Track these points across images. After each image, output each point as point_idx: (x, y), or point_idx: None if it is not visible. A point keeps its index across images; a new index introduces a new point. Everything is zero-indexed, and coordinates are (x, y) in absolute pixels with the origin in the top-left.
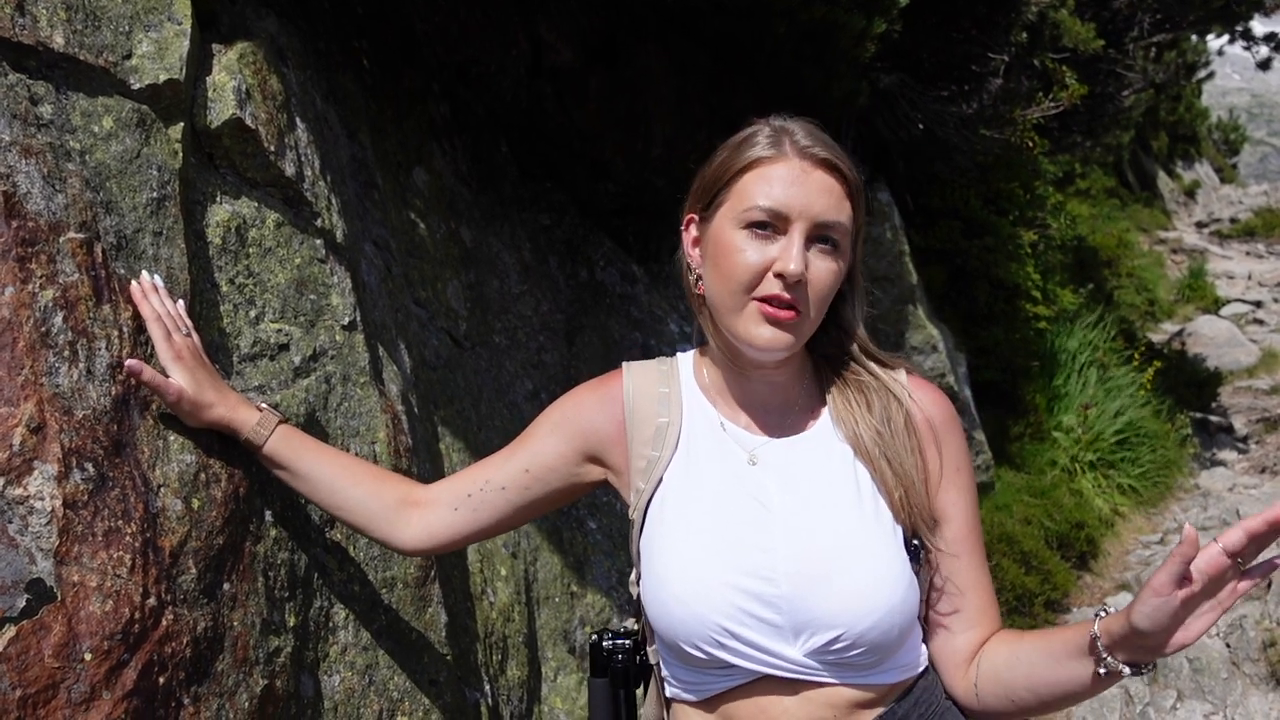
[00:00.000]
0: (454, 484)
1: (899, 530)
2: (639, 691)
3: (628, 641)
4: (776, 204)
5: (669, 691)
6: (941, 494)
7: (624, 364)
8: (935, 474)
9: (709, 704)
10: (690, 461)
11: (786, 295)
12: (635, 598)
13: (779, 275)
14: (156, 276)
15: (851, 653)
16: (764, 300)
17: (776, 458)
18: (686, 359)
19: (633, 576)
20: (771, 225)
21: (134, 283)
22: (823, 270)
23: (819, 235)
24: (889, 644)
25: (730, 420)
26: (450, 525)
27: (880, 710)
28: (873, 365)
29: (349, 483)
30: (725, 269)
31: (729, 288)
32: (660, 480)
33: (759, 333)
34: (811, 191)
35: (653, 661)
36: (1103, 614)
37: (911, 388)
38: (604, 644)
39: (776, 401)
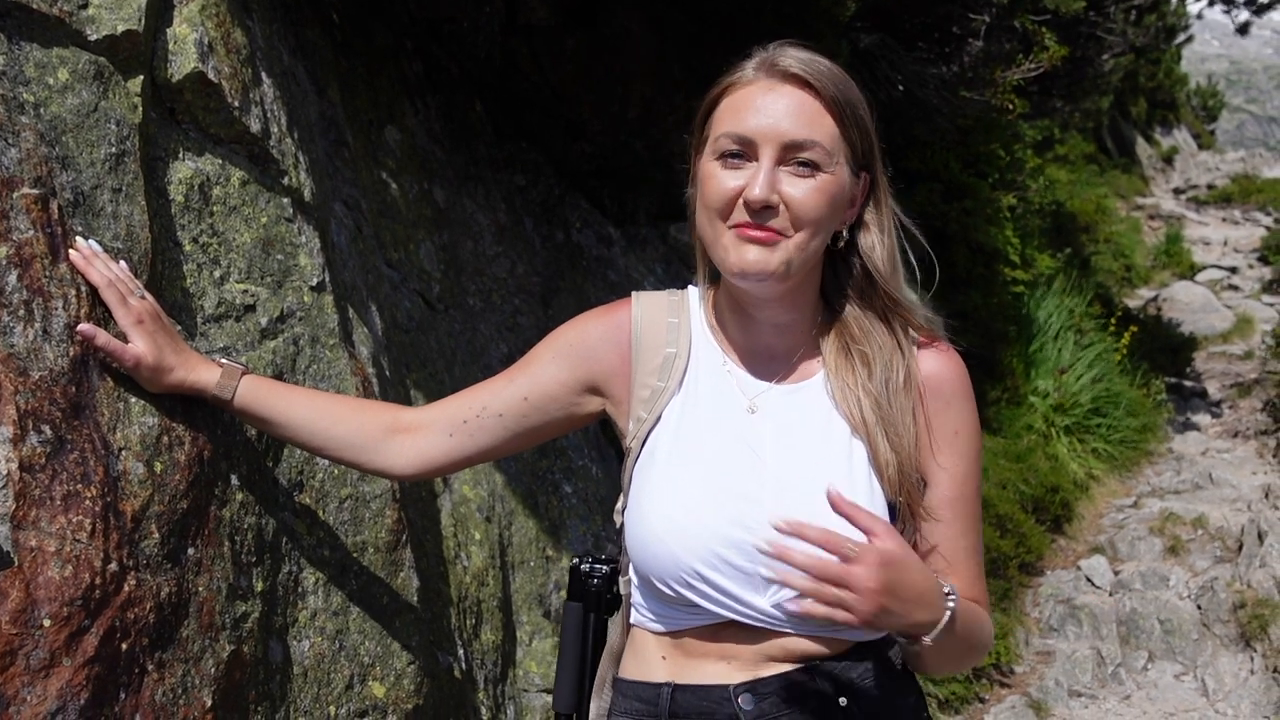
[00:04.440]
0: (448, 409)
1: (882, 495)
2: (611, 622)
3: (605, 568)
4: (741, 130)
5: (633, 618)
6: (932, 457)
7: (633, 293)
8: (930, 436)
9: (672, 635)
10: (691, 401)
11: (754, 222)
12: (619, 526)
13: (746, 202)
14: (92, 241)
15: None
16: (738, 226)
17: (775, 405)
18: (696, 292)
19: (619, 505)
20: (742, 153)
21: (72, 251)
22: (800, 191)
23: (792, 156)
24: None
25: (734, 362)
26: (445, 451)
27: (834, 663)
28: (888, 318)
29: (330, 422)
30: (703, 199)
31: (706, 217)
32: (660, 415)
33: (739, 256)
34: (777, 111)
35: (624, 593)
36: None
37: (921, 346)
38: (582, 567)
39: (783, 346)
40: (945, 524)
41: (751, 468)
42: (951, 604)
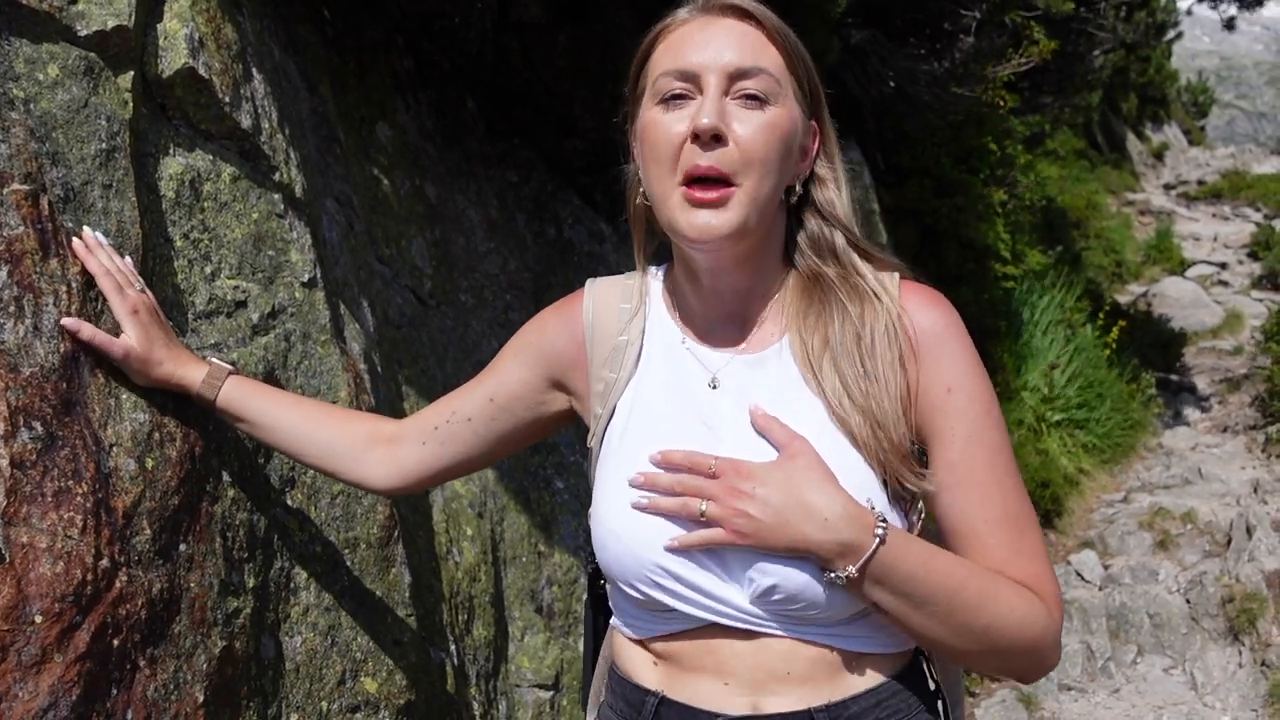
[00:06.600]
0: (422, 418)
1: (869, 474)
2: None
3: None
4: (681, 65)
5: (614, 621)
6: (928, 418)
7: (588, 281)
8: (919, 393)
9: (661, 642)
10: (646, 386)
11: (705, 163)
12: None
13: (695, 135)
14: (98, 233)
15: (802, 609)
16: (691, 184)
17: (737, 379)
18: (658, 272)
19: (590, 509)
20: (685, 91)
21: (76, 240)
22: (750, 127)
23: (740, 87)
24: (837, 602)
25: (692, 337)
26: (420, 461)
27: (835, 698)
28: (861, 268)
29: (313, 427)
30: (648, 149)
31: (656, 171)
32: (614, 408)
33: (690, 221)
34: (720, 41)
35: (609, 595)
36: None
37: (903, 296)
38: (588, 567)
39: (746, 314)
40: (953, 493)
41: (707, 447)
42: (880, 532)
